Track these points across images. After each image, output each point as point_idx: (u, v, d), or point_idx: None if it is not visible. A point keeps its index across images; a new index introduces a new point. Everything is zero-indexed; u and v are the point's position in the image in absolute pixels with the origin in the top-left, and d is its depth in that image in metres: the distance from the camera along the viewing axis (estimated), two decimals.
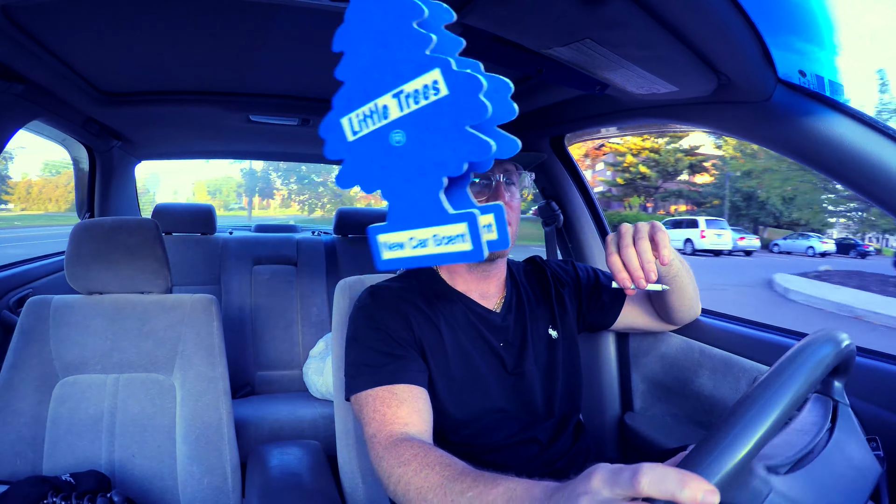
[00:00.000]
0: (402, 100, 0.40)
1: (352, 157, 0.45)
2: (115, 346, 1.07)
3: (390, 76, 0.40)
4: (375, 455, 0.73)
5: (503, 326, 0.93)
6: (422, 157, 0.40)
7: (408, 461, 0.67)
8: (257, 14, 0.90)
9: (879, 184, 0.71)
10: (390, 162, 0.42)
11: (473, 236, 0.40)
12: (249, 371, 1.97)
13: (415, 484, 0.63)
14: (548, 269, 1.04)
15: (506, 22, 0.68)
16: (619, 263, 0.75)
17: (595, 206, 1.50)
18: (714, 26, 0.64)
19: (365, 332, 0.85)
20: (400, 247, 0.44)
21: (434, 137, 0.39)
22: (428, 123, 0.39)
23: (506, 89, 0.37)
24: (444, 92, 0.38)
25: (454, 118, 0.37)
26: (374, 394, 0.79)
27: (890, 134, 0.70)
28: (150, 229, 1.10)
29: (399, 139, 0.41)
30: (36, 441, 1.00)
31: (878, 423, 0.76)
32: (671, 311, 1.01)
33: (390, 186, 0.43)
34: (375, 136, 0.42)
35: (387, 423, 0.76)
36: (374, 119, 0.42)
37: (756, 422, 0.39)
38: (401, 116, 0.40)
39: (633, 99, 0.96)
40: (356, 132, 0.44)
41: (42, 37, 0.99)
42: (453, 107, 0.37)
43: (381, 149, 0.42)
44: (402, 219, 0.43)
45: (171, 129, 1.79)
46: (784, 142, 0.79)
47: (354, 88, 0.43)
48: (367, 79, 0.41)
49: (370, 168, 0.44)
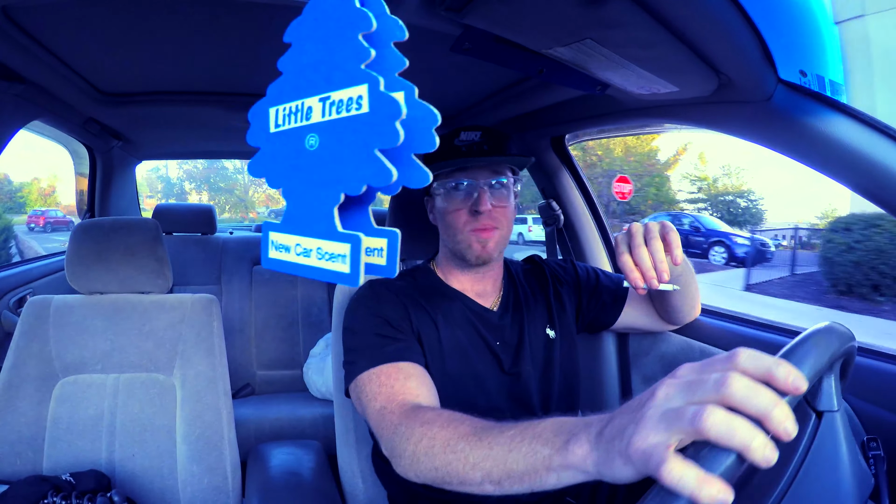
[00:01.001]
0: (327, 106, 0.40)
1: (268, 147, 0.44)
2: (115, 346, 1.07)
3: (323, 80, 0.40)
4: (388, 424, 0.68)
5: (500, 325, 0.93)
6: (327, 168, 0.40)
7: (431, 420, 0.63)
8: (258, 14, 0.90)
9: (880, 184, 0.71)
10: (299, 163, 0.41)
11: (353, 260, 0.39)
12: (249, 371, 1.97)
13: (442, 436, 0.60)
14: (547, 268, 1.04)
15: (506, 22, 0.68)
16: (631, 263, 0.73)
17: (595, 207, 1.50)
18: (714, 26, 0.64)
19: (364, 320, 0.84)
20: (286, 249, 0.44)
21: (343, 151, 0.38)
22: (342, 136, 0.39)
23: (432, 120, 0.37)
24: (364, 109, 0.37)
25: (366, 138, 0.37)
26: (377, 371, 0.76)
27: (890, 134, 0.70)
28: (151, 229, 1.10)
29: (313, 143, 0.41)
30: (36, 441, 1.00)
31: (878, 423, 0.76)
32: (674, 311, 1.01)
33: (292, 187, 0.42)
34: (293, 134, 0.42)
35: (397, 395, 0.73)
36: (297, 117, 0.42)
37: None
38: (320, 122, 0.40)
39: (634, 99, 0.96)
40: (279, 125, 0.43)
41: (42, 37, 0.99)
42: (368, 126, 0.37)
43: (295, 148, 0.42)
44: (295, 223, 0.43)
45: (171, 129, 1.79)
46: (784, 142, 0.79)
47: (290, 82, 0.43)
48: (303, 76, 0.41)
49: (280, 164, 0.43)
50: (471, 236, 0.88)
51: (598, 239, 1.50)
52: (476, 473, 0.55)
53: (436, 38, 0.78)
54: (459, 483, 0.57)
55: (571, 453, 0.47)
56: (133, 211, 2.23)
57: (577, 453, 0.46)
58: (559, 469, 0.48)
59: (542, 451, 0.50)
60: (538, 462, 0.49)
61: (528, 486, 0.51)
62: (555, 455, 0.48)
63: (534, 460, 0.50)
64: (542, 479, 0.50)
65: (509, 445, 0.53)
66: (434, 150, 0.36)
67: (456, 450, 0.57)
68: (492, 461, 0.53)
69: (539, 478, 0.50)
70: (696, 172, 14.59)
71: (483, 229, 0.87)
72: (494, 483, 0.54)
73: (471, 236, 0.88)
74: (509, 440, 0.53)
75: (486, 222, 0.87)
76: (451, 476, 0.57)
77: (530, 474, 0.50)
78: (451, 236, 0.90)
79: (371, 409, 0.74)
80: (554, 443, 0.49)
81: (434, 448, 0.60)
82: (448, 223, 0.90)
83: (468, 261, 0.90)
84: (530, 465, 0.50)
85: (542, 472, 0.49)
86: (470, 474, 0.55)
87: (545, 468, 0.49)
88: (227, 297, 2.01)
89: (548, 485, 0.50)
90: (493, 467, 0.53)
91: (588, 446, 0.46)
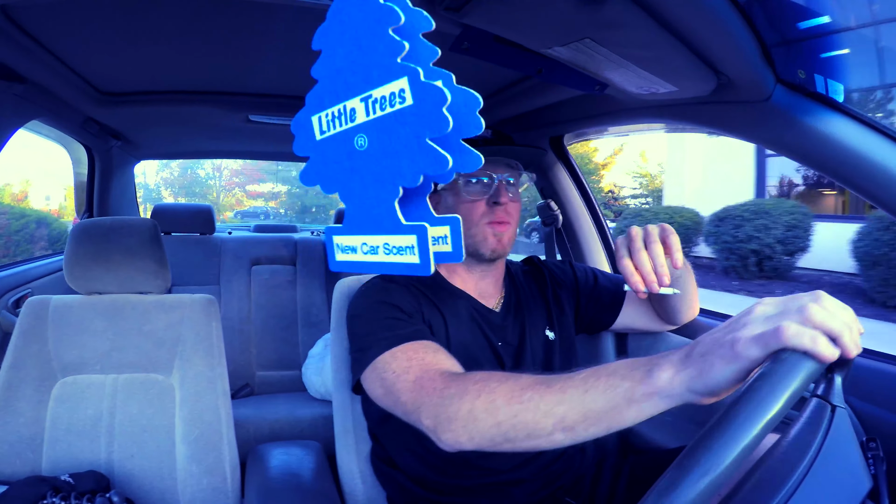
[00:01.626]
0: (370, 105, 0.40)
1: (317, 155, 0.44)
2: (114, 346, 1.07)
3: (361, 80, 0.40)
4: (432, 391, 0.64)
5: (503, 326, 0.93)
6: (381, 165, 0.40)
7: (484, 378, 0.61)
8: (257, 14, 0.90)
9: (879, 184, 0.71)
10: (351, 165, 0.42)
11: (422, 250, 0.39)
12: (249, 371, 1.97)
13: (503, 390, 0.58)
14: (545, 269, 1.04)
15: (506, 22, 0.68)
16: (631, 267, 0.72)
17: (594, 207, 1.50)
18: (714, 26, 0.64)
19: (375, 308, 0.82)
20: (353, 250, 0.44)
21: (394, 146, 0.39)
22: (390, 131, 0.39)
23: (474, 104, 0.37)
24: (409, 101, 0.37)
25: (415, 129, 0.37)
26: (402, 348, 0.73)
27: (890, 134, 0.70)
28: (149, 229, 1.10)
29: (362, 143, 0.41)
30: (35, 441, 1.00)
31: (878, 423, 0.77)
32: (673, 312, 1.01)
33: (349, 189, 0.43)
34: (341, 137, 0.42)
35: (432, 364, 0.70)
36: (342, 121, 0.42)
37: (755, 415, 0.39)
38: (366, 121, 0.40)
39: (633, 99, 0.96)
40: (324, 132, 0.44)
41: (42, 37, 0.99)
42: (416, 117, 0.37)
43: (345, 151, 0.42)
44: (357, 223, 0.43)
45: (171, 129, 1.79)
46: (784, 142, 0.79)
47: (327, 88, 0.43)
48: (340, 80, 0.41)
49: (333, 169, 0.44)
50: (487, 229, 0.88)
51: (596, 239, 1.50)
52: (548, 421, 0.54)
53: (435, 37, 0.78)
54: (527, 436, 0.55)
55: (656, 379, 0.49)
56: (132, 211, 2.23)
57: (663, 377, 0.48)
58: (642, 399, 0.49)
59: (621, 384, 0.50)
60: (619, 396, 0.50)
61: (606, 425, 0.51)
62: (637, 385, 0.49)
63: (614, 395, 0.50)
64: (622, 415, 0.50)
65: (584, 387, 0.53)
66: (482, 131, 0.36)
67: (522, 399, 0.56)
68: (567, 405, 0.53)
69: (619, 413, 0.50)
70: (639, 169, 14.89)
71: (499, 222, 0.88)
72: (567, 429, 0.53)
73: (487, 229, 0.88)
74: (582, 382, 0.53)
75: (501, 216, 0.87)
76: (516, 429, 0.56)
77: (610, 412, 0.51)
78: (465, 231, 0.89)
79: (403, 383, 0.69)
80: (633, 376, 0.50)
81: (496, 402, 0.57)
82: (463, 217, 0.89)
83: (482, 255, 0.89)
84: (610, 400, 0.50)
85: (623, 407, 0.50)
86: (541, 423, 0.54)
87: (627, 401, 0.50)
88: (226, 298, 2.01)
89: (626, 421, 0.50)
90: (569, 411, 0.53)
91: (673, 370, 0.48)
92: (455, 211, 0.89)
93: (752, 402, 0.40)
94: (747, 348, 0.45)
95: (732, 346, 0.45)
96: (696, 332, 1.09)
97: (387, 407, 0.74)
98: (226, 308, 1.98)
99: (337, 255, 0.46)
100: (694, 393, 0.48)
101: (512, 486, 0.86)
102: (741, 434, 0.38)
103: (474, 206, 0.88)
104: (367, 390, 0.78)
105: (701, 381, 0.47)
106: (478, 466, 0.85)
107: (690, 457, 0.39)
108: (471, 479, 0.85)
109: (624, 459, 0.98)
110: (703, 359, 0.47)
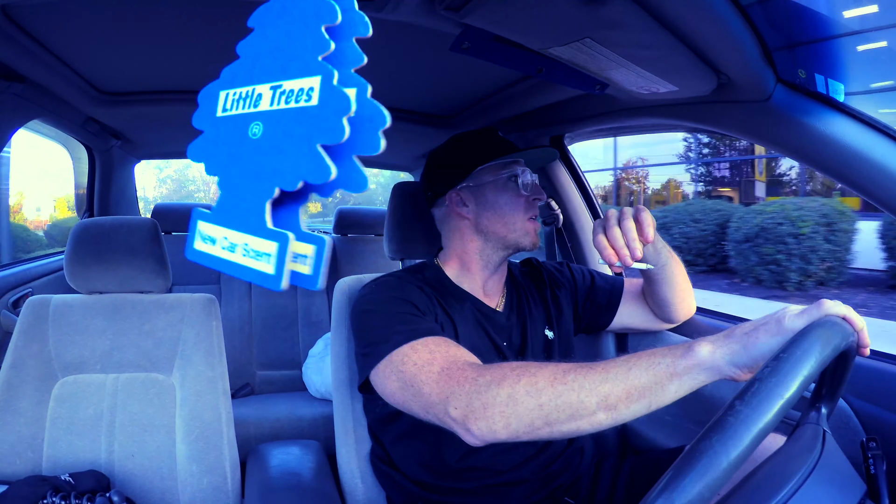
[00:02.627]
0: (277, 94, 0.38)
1: (212, 132, 0.42)
2: (114, 345, 1.07)
3: (278, 68, 0.38)
4: (464, 379, 0.64)
5: (507, 326, 0.93)
6: (265, 159, 0.38)
7: (522, 366, 0.62)
8: None
9: (879, 184, 0.71)
10: (238, 152, 0.39)
11: (279, 261, 0.36)
12: (249, 371, 1.97)
13: (544, 374, 0.59)
14: (543, 270, 1.05)
15: (506, 22, 0.68)
16: (605, 241, 0.76)
17: (595, 207, 1.50)
18: (714, 26, 0.64)
19: (391, 302, 0.82)
20: (213, 241, 0.41)
21: (284, 143, 0.37)
22: (286, 127, 0.37)
23: (380, 122, 0.35)
24: (313, 101, 0.36)
25: (310, 131, 0.35)
26: (421, 342, 0.73)
27: (890, 134, 0.70)
28: (150, 229, 1.10)
29: (256, 132, 0.39)
30: (35, 441, 1.00)
31: (878, 423, 0.77)
32: (665, 305, 1.01)
33: (229, 176, 0.40)
34: (239, 120, 0.40)
35: (457, 356, 0.70)
36: (245, 104, 0.40)
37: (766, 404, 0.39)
38: (267, 110, 0.38)
39: (633, 98, 0.96)
40: (226, 110, 0.41)
41: (42, 37, 0.99)
42: (314, 119, 0.35)
43: (238, 135, 0.40)
44: (225, 214, 0.40)
45: (171, 129, 1.79)
46: (784, 141, 0.79)
47: (245, 67, 0.41)
48: (259, 62, 0.40)
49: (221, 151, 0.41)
50: (529, 224, 0.92)
51: None
52: (592, 399, 0.56)
53: (435, 37, 0.78)
54: (569, 416, 0.57)
55: (697, 352, 0.54)
56: (132, 210, 2.23)
57: (703, 351, 0.54)
58: (683, 372, 0.54)
59: (663, 360, 0.55)
60: (661, 371, 0.54)
61: (648, 402, 0.55)
62: (678, 360, 0.54)
63: (657, 370, 0.55)
64: (664, 389, 0.54)
65: (626, 366, 0.56)
66: (378, 153, 0.35)
67: (566, 380, 0.58)
68: (610, 383, 0.56)
69: (661, 387, 0.54)
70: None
71: (534, 218, 0.93)
72: (610, 407, 0.56)
73: (529, 224, 0.92)
74: (624, 362, 0.57)
75: (534, 212, 0.93)
76: (560, 410, 0.57)
77: (653, 386, 0.54)
78: (509, 224, 0.91)
79: (427, 374, 0.68)
80: (674, 352, 0.55)
81: (538, 384, 0.59)
82: (504, 212, 0.91)
83: (524, 248, 0.93)
84: (653, 376, 0.54)
85: (665, 381, 0.54)
86: (585, 401, 0.56)
87: (669, 375, 0.54)
88: (227, 297, 2.01)
89: (667, 397, 0.54)
90: (613, 389, 0.56)
91: (713, 346, 0.54)
92: (497, 206, 0.91)
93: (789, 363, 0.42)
94: (793, 321, 0.51)
95: (779, 322, 0.52)
96: (696, 332, 1.10)
97: (401, 402, 0.73)
98: (226, 307, 1.98)
99: (196, 243, 0.42)
100: (735, 366, 0.53)
101: (511, 487, 0.86)
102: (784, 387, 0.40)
103: (520, 200, 0.92)
104: (378, 386, 0.77)
105: (746, 353, 0.52)
106: (478, 468, 0.85)
107: (691, 456, 0.39)
108: (471, 480, 0.85)
109: (623, 459, 0.98)
110: (747, 336, 0.53)
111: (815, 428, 0.54)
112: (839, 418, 0.80)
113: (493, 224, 0.91)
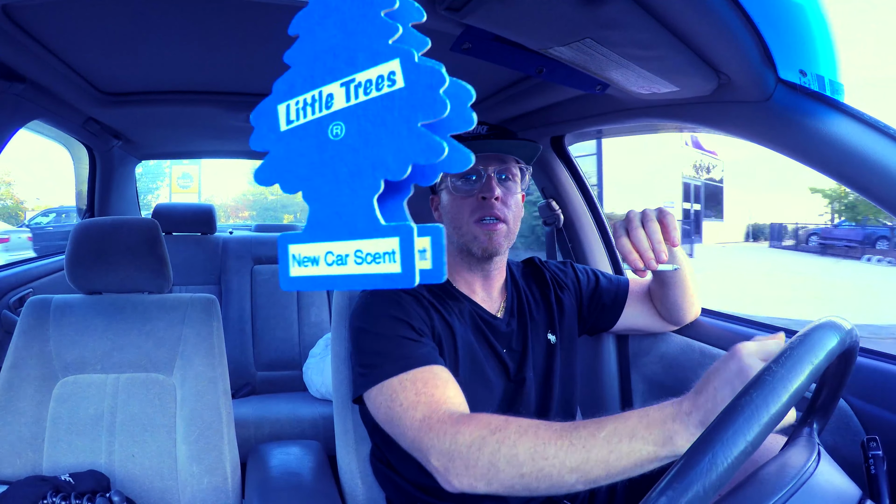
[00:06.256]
0: (351, 89, 0.35)
1: (279, 149, 0.39)
2: (115, 345, 1.07)
3: (344, 64, 0.35)
4: (443, 435, 0.65)
5: (507, 332, 0.92)
6: (360, 155, 0.35)
7: (500, 427, 0.62)
8: (257, 14, 0.90)
9: (880, 184, 0.71)
10: (321, 158, 0.36)
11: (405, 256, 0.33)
12: (250, 371, 1.97)
13: (525, 444, 0.59)
14: (546, 271, 1.03)
15: (506, 22, 0.68)
16: (629, 246, 0.74)
17: (595, 207, 1.50)
18: (714, 26, 0.64)
19: (385, 322, 0.80)
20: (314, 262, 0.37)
21: (378, 133, 0.34)
22: (374, 117, 0.34)
23: (467, 96, 0.33)
24: (399, 84, 0.33)
25: (406, 113, 0.33)
26: (410, 377, 0.72)
27: (890, 134, 0.70)
28: (151, 229, 1.10)
29: (338, 133, 0.36)
30: (36, 441, 1.00)
31: (878, 423, 0.76)
32: (674, 307, 1.01)
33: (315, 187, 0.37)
34: (311, 127, 0.37)
35: (440, 403, 0.69)
36: (315, 108, 0.37)
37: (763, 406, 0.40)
38: (346, 107, 0.35)
39: (634, 98, 0.96)
40: (291, 121, 0.38)
41: (42, 37, 0.99)
42: (408, 101, 0.33)
43: (315, 142, 0.36)
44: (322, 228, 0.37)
45: (171, 129, 1.79)
46: (784, 142, 0.79)
47: (300, 74, 0.38)
48: (317, 65, 0.37)
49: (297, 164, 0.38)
50: (475, 227, 0.86)
51: (598, 239, 1.49)
52: (572, 476, 0.57)
53: (435, 37, 0.78)
54: (549, 487, 0.58)
55: (678, 446, 0.54)
56: (133, 211, 2.23)
57: (682, 438, 0.54)
58: (665, 458, 0.55)
59: (645, 448, 0.55)
60: (643, 458, 0.55)
61: (628, 477, 0.56)
62: (660, 450, 0.55)
63: (639, 457, 0.55)
64: (642, 469, 0.55)
65: (607, 447, 0.56)
66: (472, 127, 0.33)
67: (547, 455, 0.58)
68: (592, 464, 0.56)
69: (641, 469, 0.55)
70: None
71: (489, 220, 0.86)
72: (590, 482, 0.57)
73: (475, 227, 0.86)
74: (605, 442, 0.57)
75: (491, 212, 0.85)
76: (540, 481, 0.58)
77: (633, 469, 0.56)
78: (456, 228, 0.88)
79: (410, 420, 0.69)
80: (655, 440, 0.55)
81: (518, 457, 0.59)
82: (454, 215, 0.88)
83: (474, 254, 0.87)
84: (635, 462, 0.55)
85: (646, 465, 0.55)
86: (566, 478, 0.57)
87: (649, 461, 0.55)
88: (227, 297, 2.01)
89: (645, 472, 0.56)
90: (593, 468, 0.56)
91: (689, 435, 0.54)
92: (449, 208, 0.89)
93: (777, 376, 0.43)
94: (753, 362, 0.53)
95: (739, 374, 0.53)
96: (699, 333, 1.09)
97: (388, 430, 0.74)
98: (227, 308, 1.99)
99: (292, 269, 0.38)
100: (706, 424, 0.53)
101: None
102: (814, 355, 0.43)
103: (464, 202, 0.87)
104: (370, 408, 0.78)
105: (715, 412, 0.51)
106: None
107: (692, 456, 0.39)
108: None
109: None
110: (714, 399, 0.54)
111: (810, 439, 0.55)
112: (839, 418, 0.80)
113: (448, 228, 0.89)
